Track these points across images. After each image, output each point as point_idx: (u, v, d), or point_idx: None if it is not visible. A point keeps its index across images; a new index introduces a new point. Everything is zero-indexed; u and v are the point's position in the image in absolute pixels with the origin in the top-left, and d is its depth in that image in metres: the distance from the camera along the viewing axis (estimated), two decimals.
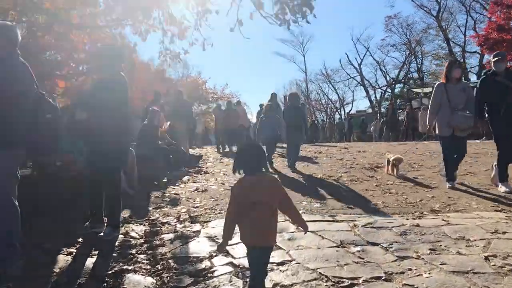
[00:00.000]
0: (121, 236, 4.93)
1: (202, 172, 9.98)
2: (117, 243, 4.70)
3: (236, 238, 3.11)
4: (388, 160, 8.87)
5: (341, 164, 10.72)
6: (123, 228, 5.24)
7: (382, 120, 27.71)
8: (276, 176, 9.05)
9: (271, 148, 10.62)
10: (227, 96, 46.43)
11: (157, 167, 9.14)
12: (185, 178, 9.18)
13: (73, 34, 10.55)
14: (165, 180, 8.91)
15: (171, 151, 10.04)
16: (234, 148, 16.25)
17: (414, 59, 41.61)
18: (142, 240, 4.82)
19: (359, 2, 72.11)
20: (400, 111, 36.87)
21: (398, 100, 41.50)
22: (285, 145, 11.65)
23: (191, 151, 14.28)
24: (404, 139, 22.70)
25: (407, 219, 5.34)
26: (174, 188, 8.30)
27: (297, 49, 53.27)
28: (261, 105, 19.73)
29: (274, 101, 14.15)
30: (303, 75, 54.41)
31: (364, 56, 45.81)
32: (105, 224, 5.08)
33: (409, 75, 43.41)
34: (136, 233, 5.08)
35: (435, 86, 7.53)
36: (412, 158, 10.81)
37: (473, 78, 37.56)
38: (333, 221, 5.35)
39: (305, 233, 3.38)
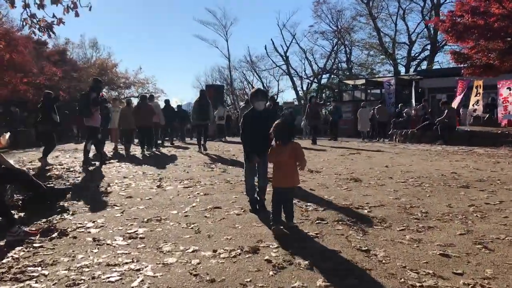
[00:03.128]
0: None
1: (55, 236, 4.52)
2: None
3: None
4: None
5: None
6: None
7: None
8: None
9: None
10: (141, 81, 41.71)
11: None
12: None
13: None
14: None
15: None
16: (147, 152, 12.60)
17: (343, 48, 39.99)
18: None
19: None
20: (328, 103, 35.10)
21: (327, 92, 39.69)
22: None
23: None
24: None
25: None
26: None
27: (219, 33, 49.83)
28: (179, 106, 21.27)
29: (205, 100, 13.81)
30: (226, 61, 50.93)
31: (290, 44, 43.45)
32: None
33: (337, 65, 41.79)
34: None
35: None
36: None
37: (402, 70, 36.76)
38: None
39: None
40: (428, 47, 36.75)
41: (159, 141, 16.47)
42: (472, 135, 14.58)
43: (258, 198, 5.51)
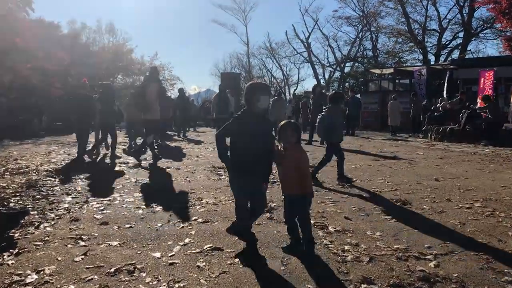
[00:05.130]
0: None
1: None
2: None
3: None
4: None
5: None
6: None
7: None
8: None
9: None
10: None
11: None
12: None
13: None
14: None
15: None
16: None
17: (368, 35, 37.72)
18: None
19: None
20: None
21: (351, 81, 37.61)
22: None
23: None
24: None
25: None
26: None
27: (238, 17, 47.74)
28: (180, 90, 19.55)
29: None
30: (244, 48, 48.94)
31: (312, 30, 41.31)
32: None
33: (363, 53, 39.52)
34: None
35: None
36: None
37: (432, 59, 34.45)
38: None
39: None
40: (461, 34, 34.35)
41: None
42: None
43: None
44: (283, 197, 3.95)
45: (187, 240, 4.18)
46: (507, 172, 7.76)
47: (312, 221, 3.93)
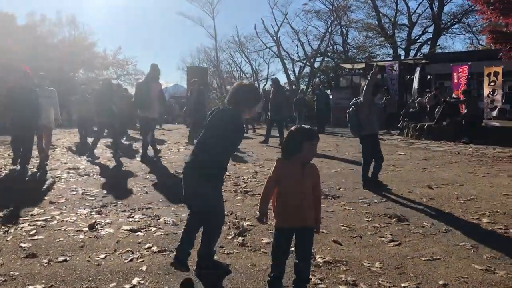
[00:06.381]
0: None
1: None
2: None
3: None
4: None
5: None
6: None
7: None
8: None
9: None
10: (120, 62, 38.58)
11: None
12: None
13: None
14: None
15: None
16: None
17: (339, 29, 37.06)
18: None
19: None
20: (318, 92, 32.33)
21: (322, 76, 36.89)
22: None
23: None
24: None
25: None
26: None
27: (205, 10, 46.23)
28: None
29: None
30: (212, 41, 47.52)
31: (281, 24, 40.38)
32: None
33: (333, 48, 38.84)
34: None
35: None
36: None
37: (402, 53, 34.14)
38: None
39: None
40: (430, 29, 34.15)
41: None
42: (502, 132, 12.15)
43: None
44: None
45: (135, 281, 3.19)
46: (502, 176, 7.06)
47: (291, 248, 2.97)
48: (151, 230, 4.39)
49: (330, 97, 24.77)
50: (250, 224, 4.46)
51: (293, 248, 2.86)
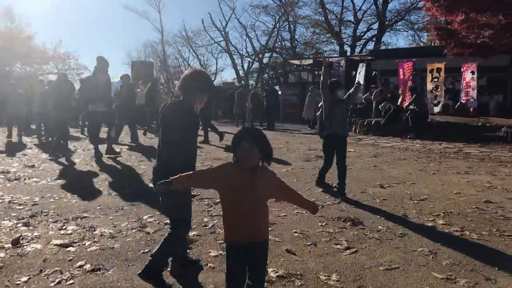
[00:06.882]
0: None
1: None
2: None
3: None
4: None
5: None
6: None
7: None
8: None
9: None
10: (61, 56, 36.73)
11: None
12: None
13: None
14: None
15: None
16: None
17: (286, 25, 37.06)
18: None
19: None
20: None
21: (270, 72, 36.83)
22: None
23: None
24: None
25: None
26: None
27: (150, 3, 44.87)
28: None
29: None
30: (159, 35, 46.23)
31: (229, 19, 39.91)
32: None
33: (281, 44, 38.83)
34: None
35: None
36: None
37: (348, 50, 34.63)
38: None
39: None
40: (375, 26, 34.87)
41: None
42: (447, 127, 12.42)
43: None
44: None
45: None
46: (451, 173, 7.07)
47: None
48: (84, 244, 3.91)
49: (279, 92, 24.74)
50: (197, 234, 4.08)
51: None
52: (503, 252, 3.69)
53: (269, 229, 4.19)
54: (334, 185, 5.88)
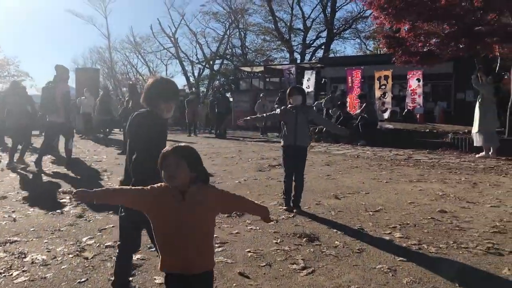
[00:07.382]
0: None
1: None
2: None
3: None
4: None
5: None
6: None
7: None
8: None
9: None
10: (0, 62, 34.85)
11: None
12: None
13: None
14: None
15: None
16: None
17: (237, 32, 36.95)
18: None
19: None
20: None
21: (222, 79, 36.56)
22: None
23: None
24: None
25: None
26: None
27: (96, 8, 43.63)
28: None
29: None
30: (106, 41, 44.88)
31: (179, 25, 39.33)
32: None
33: (231, 51, 38.64)
34: None
35: None
36: None
37: (298, 57, 35.00)
38: None
39: None
40: (324, 34, 35.47)
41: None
42: (396, 134, 12.61)
43: None
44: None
45: None
46: (403, 181, 7.04)
47: None
48: (11, 274, 3.46)
49: (231, 99, 24.54)
50: (141, 258, 3.72)
51: None
52: (463, 266, 3.58)
53: (220, 249, 3.93)
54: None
